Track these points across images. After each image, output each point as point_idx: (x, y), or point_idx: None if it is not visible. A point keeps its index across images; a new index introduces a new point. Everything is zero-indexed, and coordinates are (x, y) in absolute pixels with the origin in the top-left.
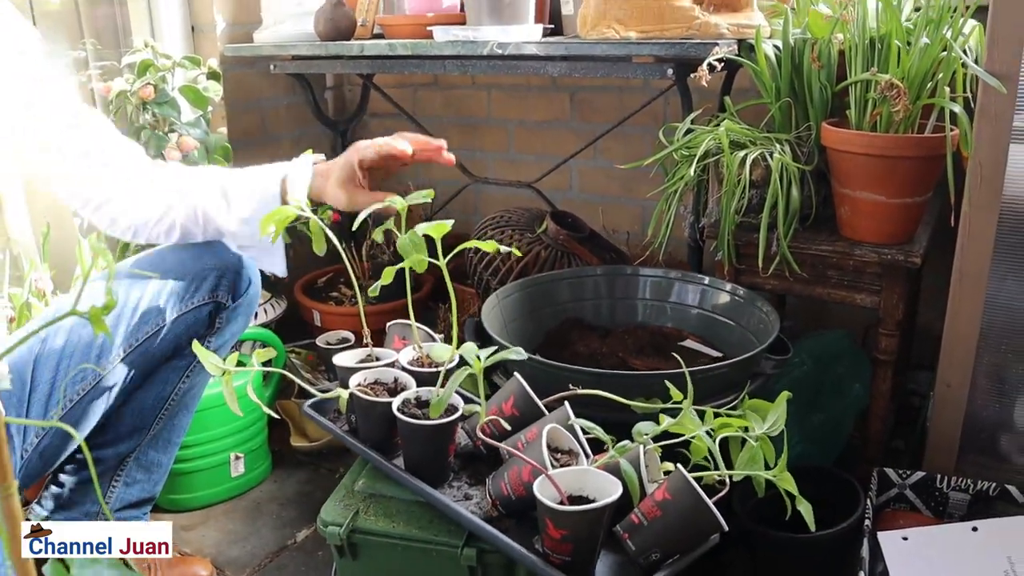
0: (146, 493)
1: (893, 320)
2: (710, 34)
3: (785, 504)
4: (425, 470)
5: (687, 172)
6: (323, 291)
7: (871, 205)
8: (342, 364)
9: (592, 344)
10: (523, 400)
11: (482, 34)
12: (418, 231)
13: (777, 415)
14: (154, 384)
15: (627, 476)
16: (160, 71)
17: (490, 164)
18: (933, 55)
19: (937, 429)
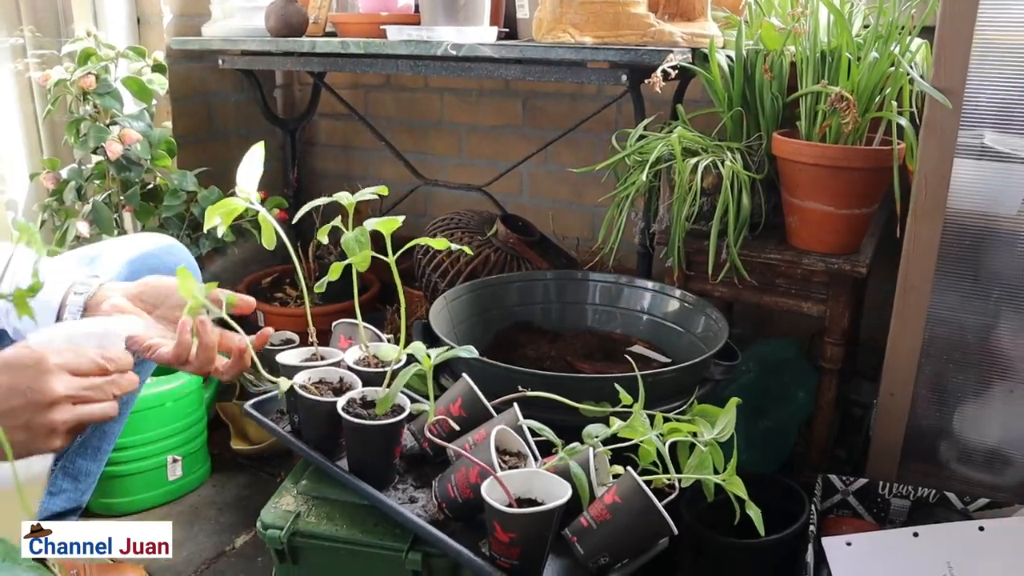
0: (72, 503)
1: (839, 329)
2: (664, 42)
3: (731, 509)
4: (370, 472)
5: (639, 178)
6: (268, 291)
7: (819, 215)
8: (286, 363)
9: (541, 348)
10: (471, 401)
11: (436, 34)
12: (367, 226)
13: (726, 421)
14: None
15: (576, 479)
16: (103, 61)
17: (441, 168)
18: (882, 70)
19: (880, 437)
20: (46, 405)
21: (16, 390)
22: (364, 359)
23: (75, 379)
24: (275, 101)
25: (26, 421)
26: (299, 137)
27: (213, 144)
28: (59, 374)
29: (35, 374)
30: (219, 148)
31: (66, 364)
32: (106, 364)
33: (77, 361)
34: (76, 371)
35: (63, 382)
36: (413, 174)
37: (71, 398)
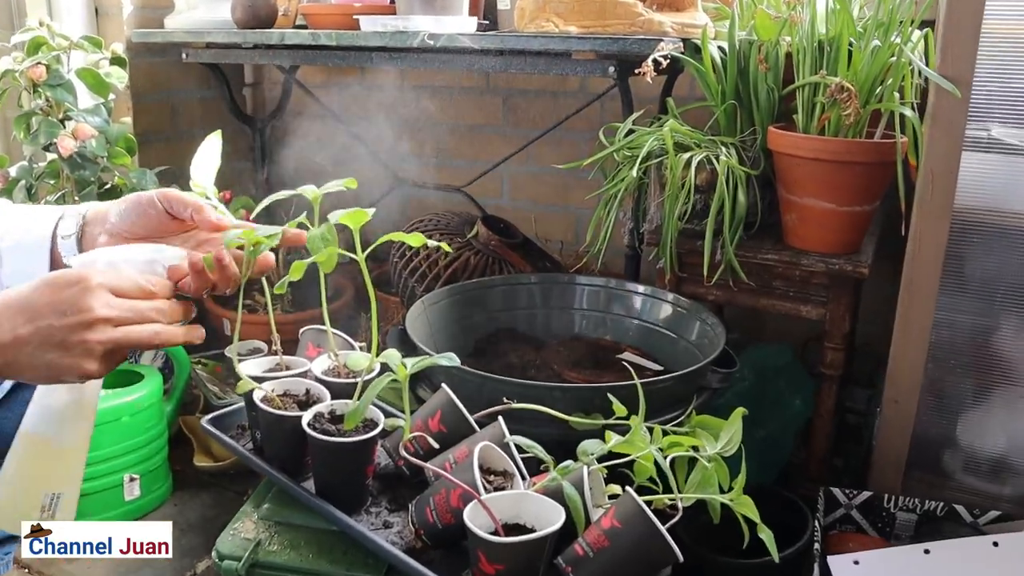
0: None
1: (840, 333)
2: (654, 31)
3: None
4: (339, 494)
5: (629, 174)
6: (234, 298)
7: (819, 212)
8: (247, 373)
9: (525, 356)
10: (452, 415)
11: (412, 24)
12: (331, 219)
13: (731, 433)
14: (14, 405)
15: (571, 501)
16: (54, 50)
17: (418, 168)
18: (883, 59)
19: (883, 447)
20: (85, 324)
21: (55, 307)
22: (333, 369)
23: (116, 299)
24: (244, 100)
25: (62, 340)
26: (269, 136)
27: (178, 143)
28: (100, 293)
29: (77, 292)
30: (183, 147)
31: (108, 284)
32: (150, 287)
33: (119, 282)
34: (118, 292)
35: (104, 301)
36: (390, 175)
37: (111, 320)
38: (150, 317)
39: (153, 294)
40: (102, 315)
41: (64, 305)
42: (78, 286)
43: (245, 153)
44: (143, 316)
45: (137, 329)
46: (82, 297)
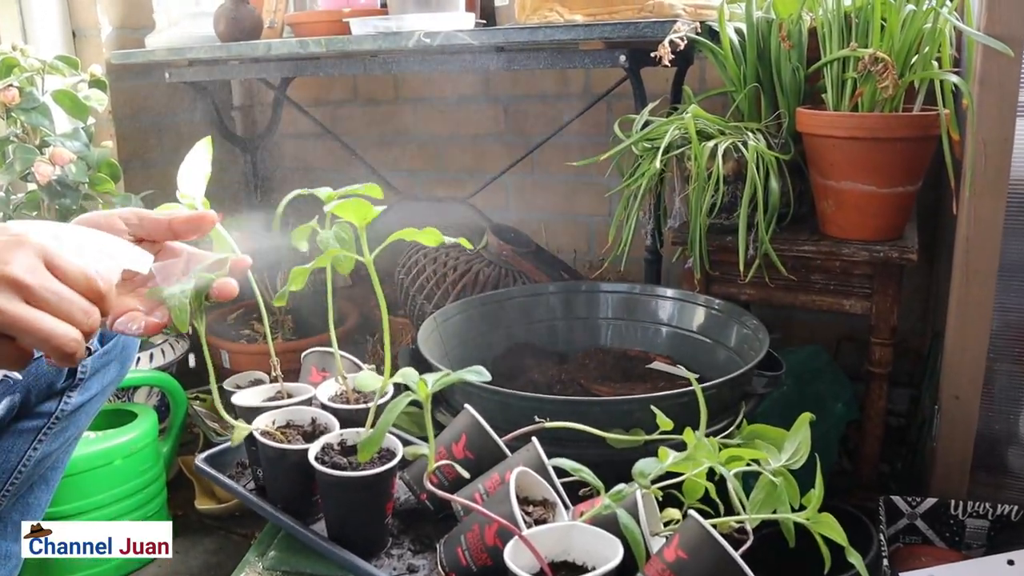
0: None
1: (888, 326)
2: (666, 15)
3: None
4: (355, 536)
5: (650, 166)
6: (233, 328)
7: (859, 197)
8: (244, 403)
9: (549, 371)
10: (479, 439)
11: (407, 23)
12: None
13: (797, 443)
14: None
15: (627, 531)
16: (27, 72)
17: (418, 183)
18: (918, 26)
19: (945, 448)
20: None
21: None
22: (341, 394)
23: (47, 274)
24: (234, 122)
25: None
26: (260, 157)
27: (165, 168)
28: (30, 255)
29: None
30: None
31: (47, 251)
32: (98, 282)
33: (62, 256)
34: (55, 267)
35: (30, 264)
36: (388, 189)
37: (26, 289)
38: (76, 317)
39: (98, 293)
40: (16, 275)
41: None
42: (15, 238)
43: (236, 176)
44: (67, 310)
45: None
46: (7, 249)
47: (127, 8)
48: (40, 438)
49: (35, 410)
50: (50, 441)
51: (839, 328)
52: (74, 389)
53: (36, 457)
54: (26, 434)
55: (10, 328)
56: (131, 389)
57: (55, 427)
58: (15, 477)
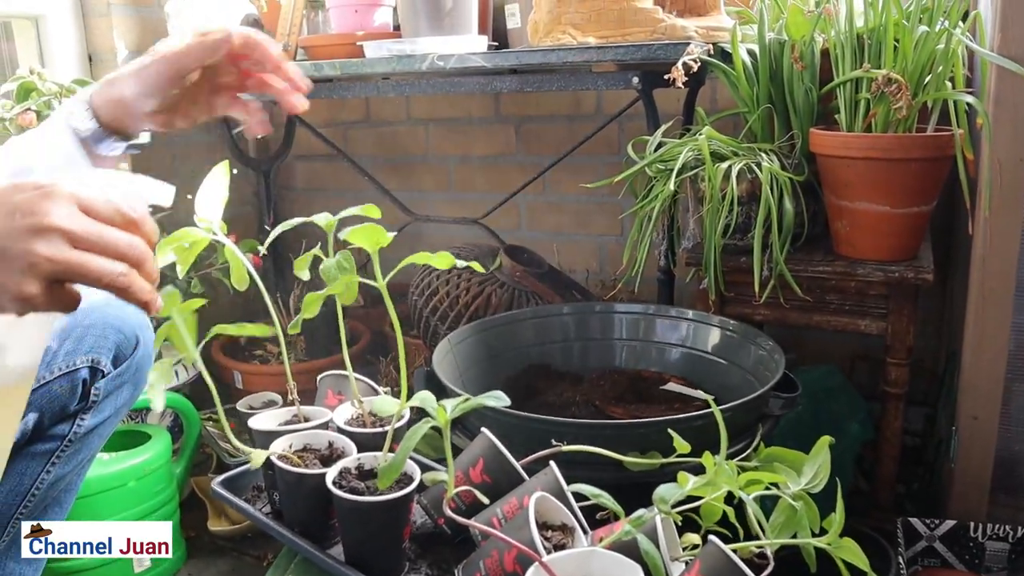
0: None
1: (904, 347)
2: (678, 37)
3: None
4: (372, 561)
5: (664, 188)
6: (245, 349)
7: (874, 216)
8: (260, 428)
9: (563, 393)
10: (496, 463)
11: (420, 47)
12: (344, 235)
13: (817, 466)
14: (7, 477)
15: (648, 557)
16: (45, 95)
17: (431, 204)
18: (931, 47)
19: (963, 468)
20: (35, 230)
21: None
22: (358, 418)
23: (83, 216)
24: (247, 143)
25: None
26: (273, 179)
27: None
28: (66, 203)
29: (36, 195)
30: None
31: (79, 196)
32: (132, 214)
33: (93, 197)
34: (89, 209)
35: (67, 211)
36: (401, 210)
37: (69, 234)
38: (119, 250)
39: (134, 223)
40: (58, 224)
41: (17, 207)
42: (40, 190)
43: (249, 197)
44: (112, 245)
45: (98, 261)
46: (40, 200)
47: (142, 32)
48: (53, 460)
49: (48, 432)
50: (63, 463)
51: (853, 347)
52: (87, 411)
53: (49, 480)
54: (39, 457)
55: (63, 274)
56: (144, 410)
57: (68, 449)
58: (29, 499)
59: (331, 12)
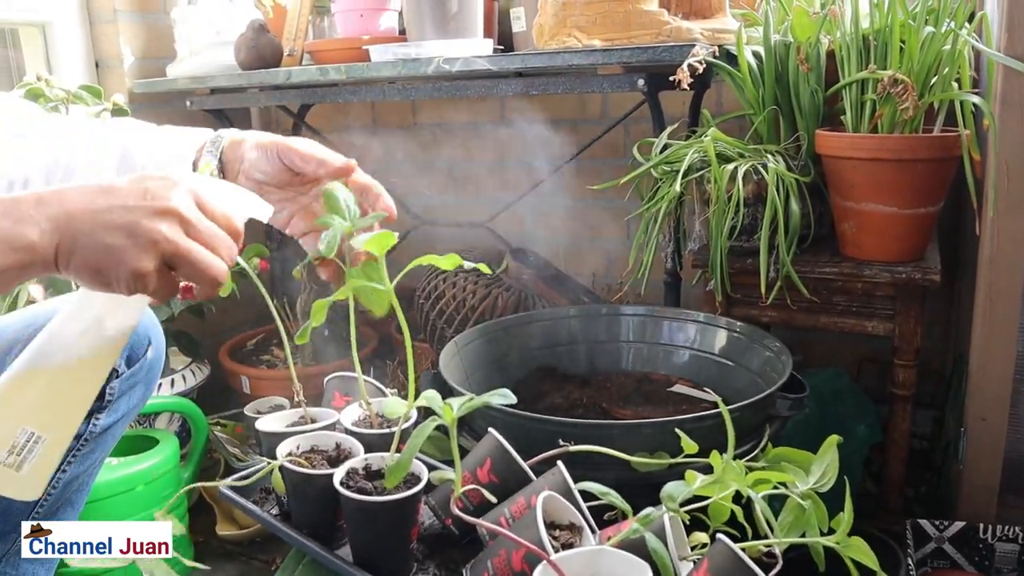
0: None
1: (911, 348)
2: (683, 39)
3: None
4: (380, 561)
5: (670, 189)
6: (252, 354)
7: (880, 218)
8: (267, 429)
9: (570, 394)
10: (504, 463)
11: (426, 50)
12: (355, 244)
13: (825, 465)
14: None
15: (656, 556)
16: (52, 101)
17: (437, 209)
18: (937, 47)
19: (972, 470)
20: (160, 212)
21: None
22: (365, 419)
23: (200, 213)
24: None
25: (132, 221)
26: None
27: None
28: (188, 195)
29: (164, 183)
30: None
31: (199, 193)
32: (235, 223)
33: (211, 199)
34: (204, 208)
35: (188, 203)
36: (407, 214)
37: (186, 222)
38: (223, 252)
39: (236, 231)
40: (180, 210)
41: (146, 191)
42: (168, 180)
43: None
44: (216, 242)
45: (204, 253)
46: (167, 188)
47: (149, 39)
48: (70, 460)
49: None
50: (79, 462)
51: (860, 350)
52: (102, 411)
53: (65, 479)
54: None
55: (174, 256)
56: (152, 415)
57: (84, 448)
58: (45, 499)
59: (336, 17)
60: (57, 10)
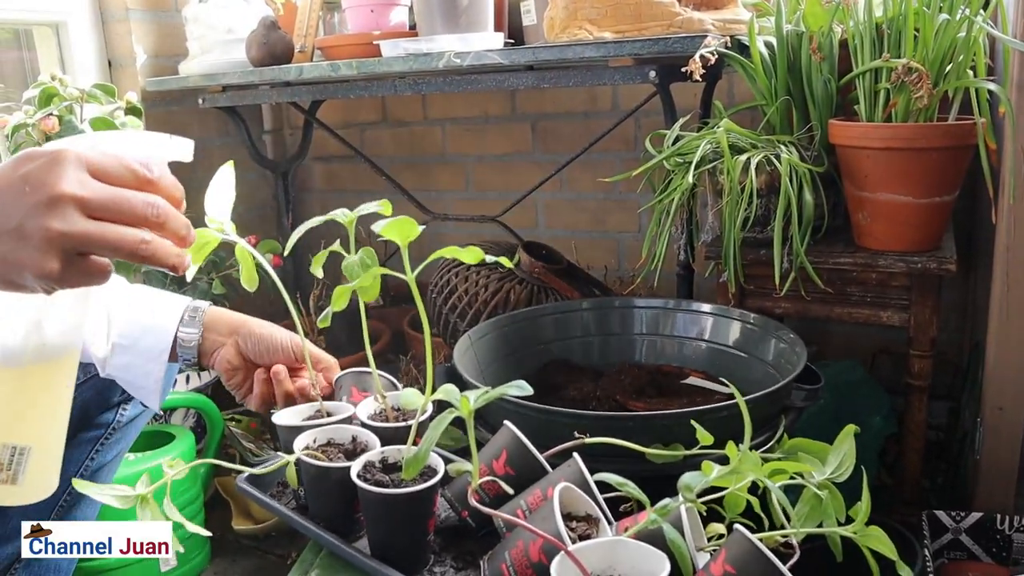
0: None
1: (927, 338)
2: (695, 30)
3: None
4: (397, 553)
5: (683, 181)
6: None
7: (895, 207)
8: (284, 423)
9: (584, 387)
10: (520, 455)
11: (437, 44)
12: (376, 229)
13: (841, 456)
14: None
15: (674, 546)
16: (66, 100)
17: (448, 204)
18: (952, 34)
19: (989, 460)
20: (47, 203)
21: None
22: (381, 413)
23: (95, 182)
24: (265, 145)
25: (18, 224)
26: (292, 181)
27: (199, 192)
28: (74, 168)
29: (44, 164)
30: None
31: (88, 159)
32: (146, 173)
33: (103, 160)
34: (100, 173)
35: (77, 178)
36: (419, 209)
37: (83, 202)
38: (139, 212)
39: (151, 183)
40: (70, 192)
41: (27, 179)
42: (48, 158)
43: (268, 199)
44: (129, 208)
45: (115, 229)
46: (49, 169)
47: (160, 37)
48: (98, 448)
49: (94, 421)
50: (106, 451)
51: (875, 341)
52: (128, 402)
53: (93, 467)
54: (86, 444)
55: (81, 246)
56: (168, 411)
57: (111, 438)
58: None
59: (347, 12)
60: (70, 10)
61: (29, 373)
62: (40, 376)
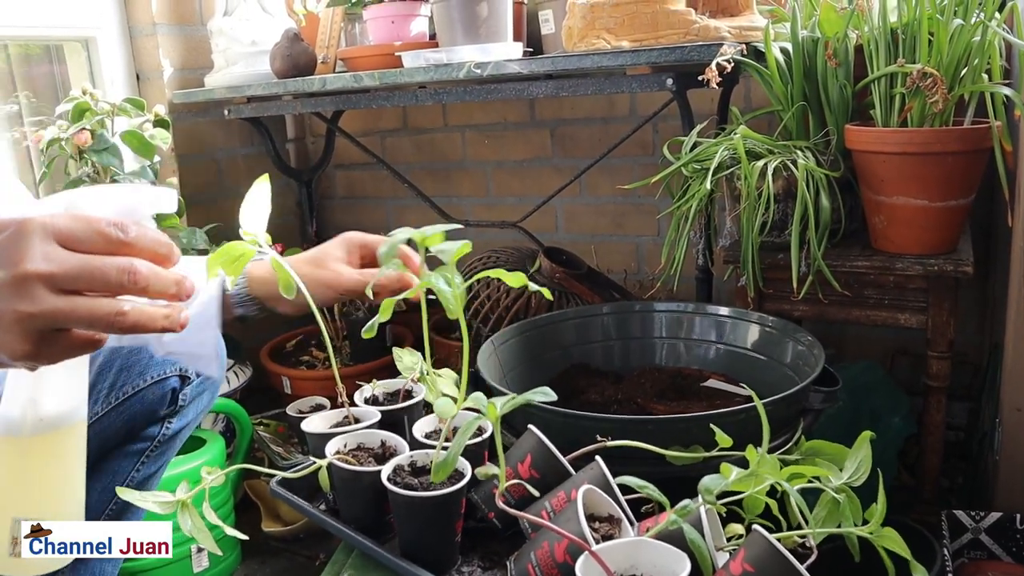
0: None
1: (945, 340)
2: (711, 38)
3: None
4: (427, 554)
5: (701, 187)
6: (293, 355)
7: (911, 211)
8: (313, 430)
9: (605, 391)
10: (544, 459)
11: (457, 55)
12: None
13: (859, 459)
14: (102, 476)
15: (694, 546)
16: (98, 115)
17: (468, 209)
18: (966, 39)
19: (1008, 460)
20: (13, 284)
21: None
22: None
23: (63, 252)
24: (288, 154)
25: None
26: (315, 189)
27: (225, 201)
28: (39, 240)
29: (9, 239)
30: (230, 205)
31: (54, 227)
32: (118, 234)
33: (71, 225)
34: (68, 240)
35: (42, 252)
36: (440, 216)
37: (50, 279)
38: (112, 280)
39: (125, 245)
40: (34, 270)
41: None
42: (11, 230)
43: (292, 208)
44: (102, 277)
45: (87, 303)
46: (13, 245)
47: (186, 50)
48: (143, 460)
49: (141, 434)
50: (151, 463)
51: (892, 343)
52: (174, 416)
53: (139, 478)
54: (132, 456)
55: (51, 324)
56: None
57: (157, 450)
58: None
59: (368, 24)
60: (99, 25)
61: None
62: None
